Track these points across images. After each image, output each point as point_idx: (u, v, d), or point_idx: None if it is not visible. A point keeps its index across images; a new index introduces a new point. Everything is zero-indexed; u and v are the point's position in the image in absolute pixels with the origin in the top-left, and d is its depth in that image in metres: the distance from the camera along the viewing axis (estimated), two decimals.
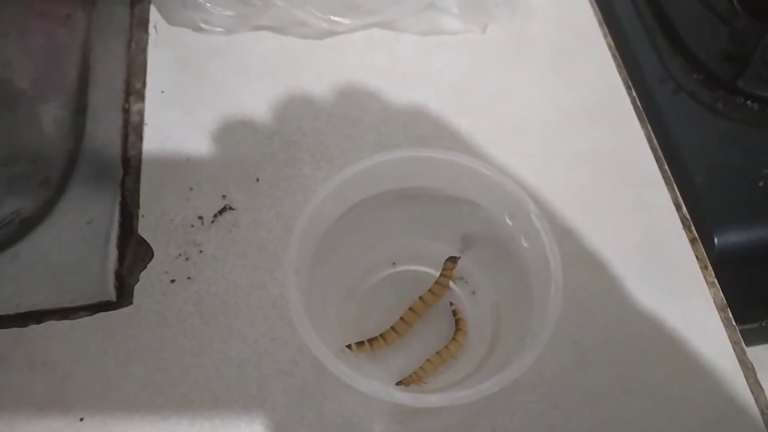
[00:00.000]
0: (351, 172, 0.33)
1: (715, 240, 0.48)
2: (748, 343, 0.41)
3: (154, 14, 0.52)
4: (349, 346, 0.37)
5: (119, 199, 0.44)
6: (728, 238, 0.49)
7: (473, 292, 0.40)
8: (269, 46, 0.51)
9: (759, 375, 0.40)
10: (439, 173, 0.35)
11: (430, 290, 0.39)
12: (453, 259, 0.39)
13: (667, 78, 0.57)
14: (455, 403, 0.28)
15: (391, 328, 0.38)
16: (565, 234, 0.43)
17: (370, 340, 0.37)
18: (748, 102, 0.55)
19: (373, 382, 0.28)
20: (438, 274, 0.39)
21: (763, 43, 0.56)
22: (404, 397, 0.28)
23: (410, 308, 0.38)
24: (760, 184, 0.51)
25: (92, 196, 0.44)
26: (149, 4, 0.52)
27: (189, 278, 0.41)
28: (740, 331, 0.41)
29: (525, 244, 0.33)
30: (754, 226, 0.50)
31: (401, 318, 0.38)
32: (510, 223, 0.34)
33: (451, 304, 0.39)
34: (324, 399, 0.37)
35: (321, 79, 0.49)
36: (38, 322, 0.39)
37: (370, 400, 0.37)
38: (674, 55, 0.58)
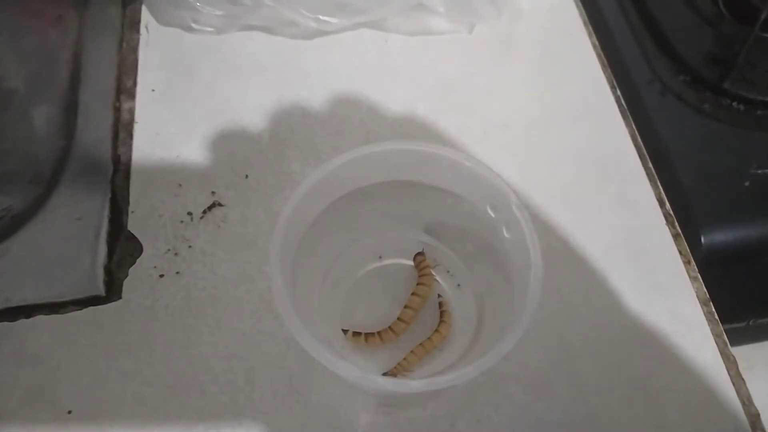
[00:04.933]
0: (336, 163, 0.33)
1: (702, 239, 0.49)
2: (736, 343, 0.42)
3: (145, 14, 0.52)
4: (345, 331, 0.38)
5: (109, 195, 0.44)
6: (715, 238, 0.49)
7: (458, 285, 0.40)
8: (259, 45, 0.51)
9: (746, 373, 0.40)
10: (422, 166, 0.35)
11: (420, 284, 0.39)
12: (420, 254, 0.40)
13: (654, 79, 0.58)
14: (436, 387, 0.28)
15: (390, 328, 0.38)
16: (549, 230, 0.44)
17: (367, 335, 0.38)
18: (734, 103, 0.56)
19: (355, 369, 0.28)
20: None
21: (748, 46, 0.57)
22: (386, 383, 0.28)
23: (407, 306, 0.39)
24: (747, 183, 0.51)
25: (82, 192, 0.44)
26: (141, 4, 0.53)
27: (178, 273, 0.41)
28: (727, 330, 0.42)
29: (506, 235, 0.34)
30: (740, 225, 0.50)
31: (399, 318, 0.38)
32: (492, 215, 0.34)
33: (439, 296, 0.40)
34: (311, 391, 0.38)
35: (310, 77, 0.50)
36: (28, 317, 0.40)
37: (357, 392, 0.38)
38: (661, 57, 0.59)
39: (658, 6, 0.61)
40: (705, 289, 0.42)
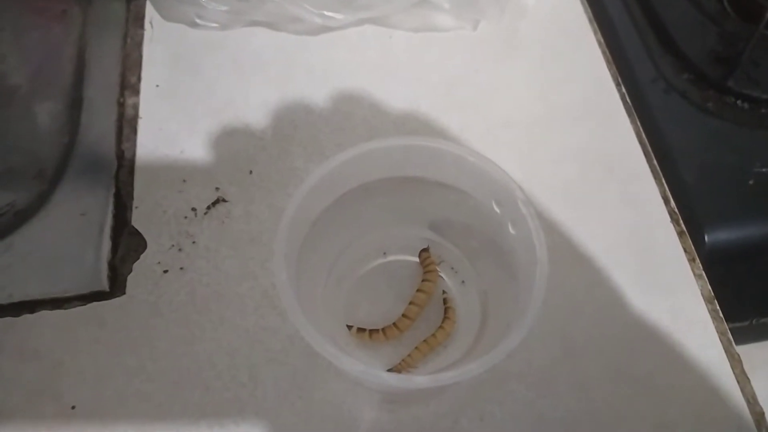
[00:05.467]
0: (340, 159, 0.33)
1: (706, 238, 0.49)
2: (739, 342, 0.42)
3: (149, 10, 0.52)
4: (349, 327, 0.38)
5: (113, 190, 0.44)
6: (719, 236, 0.49)
7: (463, 282, 0.40)
8: (263, 41, 0.51)
9: (750, 373, 0.40)
10: (426, 162, 0.35)
11: (425, 280, 0.39)
12: (425, 250, 0.40)
13: (659, 78, 0.57)
14: (440, 383, 0.28)
15: (394, 324, 0.38)
16: (553, 227, 0.44)
17: (371, 331, 0.38)
18: (738, 101, 0.56)
19: (359, 364, 0.28)
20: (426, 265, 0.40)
21: (753, 44, 0.57)
22: (390, 378, 0.28)
23: (411, 302, 0.39)
24: (751, 182, 0.51)
25: (86, 188, 0.44)
26: (145, 0, 0.52)
27: (182, 269, 0.41)
28: (731, 329, 0.42)
29: (512, 231, 0.34)
30: (744, 224, 0.50)
31: (404, 314, 0.38)
32: (498, 211, 0.34)
33: (444, 292, 0.40)
34: (314, 387, 0.38)
35: (314, 73, 0.50)
36: (31, 312, 0.40)
37: (360, 388, 0.38)
38: (665, 55, 0.59)
39: (663, 4, 0.61)
40: (709, 287, 0.42)
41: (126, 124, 0.47)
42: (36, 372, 0.38)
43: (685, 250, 0.43)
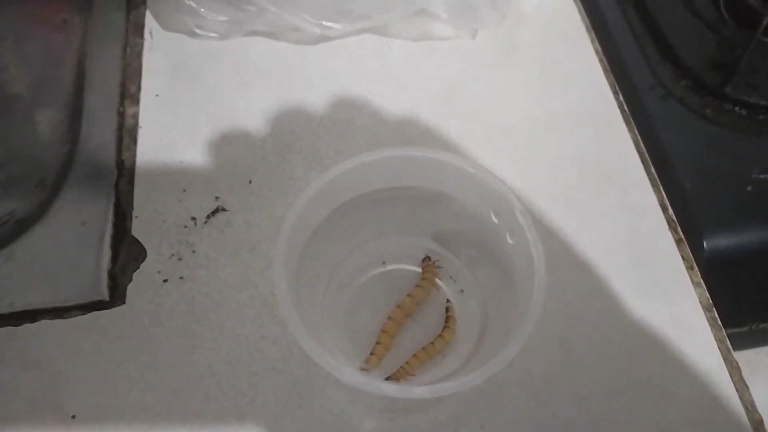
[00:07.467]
0: (340, 169, 0.33)
1: (705, 244, 0.49)
2: (738, 347, 0.42)
3: (149, 20, 0.52)
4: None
5: (113, 200, 0.44)
6: (717, 242, 0.49)
7: (462, 291, 0.40)
8: (262, 51, 0.52)
9: (748, 378, 0.40)
10: (426, 172, 0.35)
11: (417, 286, 0.39)
12: (427, 259, 0.40)
13: (656, 84, 0.58)
14: (440, 394, 0.28)
15: (378, 342, 0.38)
16: (552, 234, 0.44)
17: (367, 359, 0.38)
18: (736, 108, 0.56)
19: (357, 374, 0.28)
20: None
21: (750, 51, 0.57)
22: (389, 389, 0.29)
23: (398, 306, 0.39)
24: (749, 188, 0.51)
25: (87, 197, 0.44)
26: (145, 9, 0.53)
27: (181, 278, 0.42)
28: (730, 334, 0.42)
29: (510, 241, 0.34)
30: (743, 230, 0.50)
31: (389, 317, 0.39)
32: (496, 221, 0.35)
33: (448, 301, 0.40)
34: (314, 396, 0.38)
35: (313, 83, 0.50)
36: (32, 321, 0.40)
37: (360, 397, 0.38)
38: (663, 62, 0.59)
39: (660, 11, 0.61)
40: (708, 295, 0.42)
41: (126, 134, 0.47)
42: (36, 381, 0.38)
43: (683, 258, 0.44)
